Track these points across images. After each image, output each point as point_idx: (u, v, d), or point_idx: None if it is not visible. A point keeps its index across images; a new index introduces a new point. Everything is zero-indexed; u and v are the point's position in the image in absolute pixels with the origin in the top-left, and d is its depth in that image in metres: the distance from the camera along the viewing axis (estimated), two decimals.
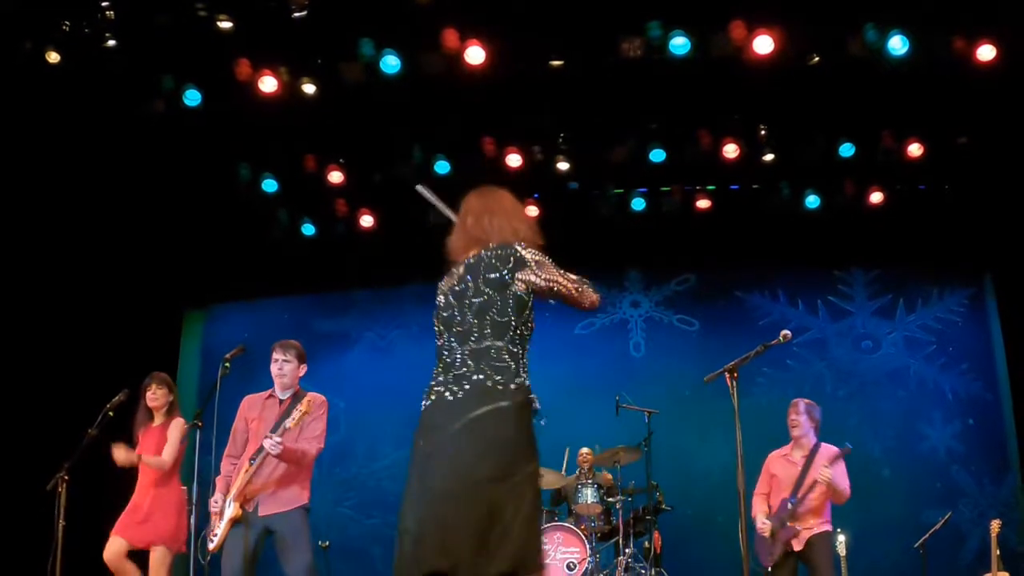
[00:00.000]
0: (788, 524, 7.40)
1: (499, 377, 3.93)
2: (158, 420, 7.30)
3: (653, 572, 9.05)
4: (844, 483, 7.44)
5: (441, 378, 4.02)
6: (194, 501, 7.54)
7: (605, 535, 9.52)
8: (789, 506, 7.43)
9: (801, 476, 7.52)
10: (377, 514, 11.47)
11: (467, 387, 3.93)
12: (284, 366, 6.45)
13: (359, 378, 11.85)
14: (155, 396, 7.27)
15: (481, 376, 3.93)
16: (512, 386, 3.93)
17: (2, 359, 9.36)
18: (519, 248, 4.08)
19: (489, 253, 4.10)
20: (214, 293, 12.22)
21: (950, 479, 10.69)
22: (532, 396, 4.00)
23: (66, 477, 7.00)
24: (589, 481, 9.44)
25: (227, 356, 6.65)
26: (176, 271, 11.45)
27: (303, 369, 6.57)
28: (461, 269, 4.16)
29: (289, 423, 6.11)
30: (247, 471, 6.20)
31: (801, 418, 7.67)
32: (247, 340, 8.36)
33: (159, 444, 7.16)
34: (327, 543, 10.50)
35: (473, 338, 4.00)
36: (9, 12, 8.11)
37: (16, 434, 9.19)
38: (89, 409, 7.29)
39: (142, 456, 7.02)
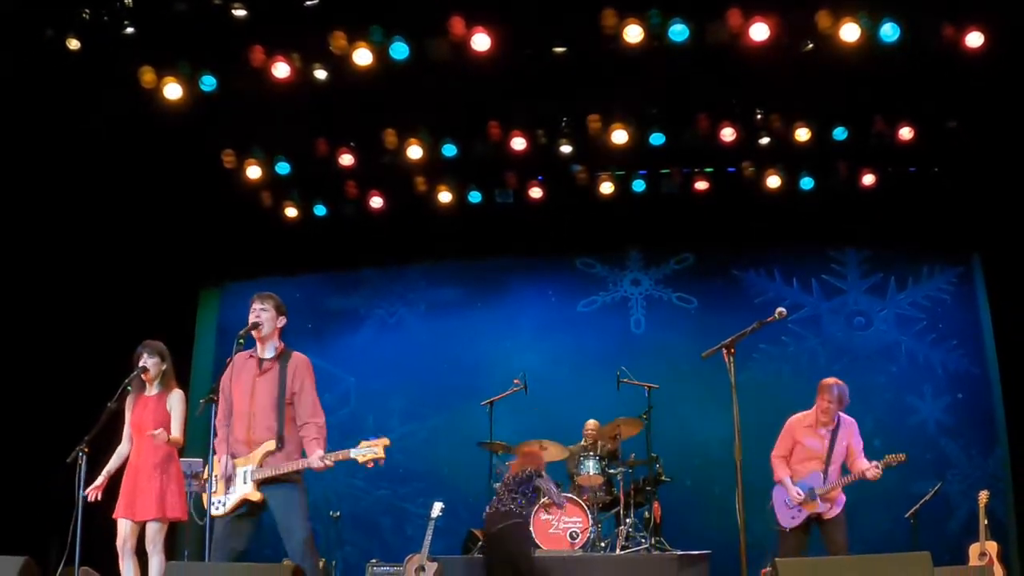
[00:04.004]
0: (820, 498, 7.60)
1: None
2: (152, 390, 7.28)
3: (653, 541, 9.27)
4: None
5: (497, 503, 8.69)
6: (210, 474, 7.67)
7: (606, 505, 9.73)
8: (823, 482, 7.62)
9: (829, 449, 7.72)
10: (386, 486, 11.73)
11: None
12: (261, 314, 6.36)
13: (368, 354, 12.09)
14: (147, 365, 7.23)
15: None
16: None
17: (28, 339, 9.59)
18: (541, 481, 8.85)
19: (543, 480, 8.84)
20: (228, 272, 12.41)
21: (940, 451, 10.89)
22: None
23: (86, 449, 6.86)
24: (591, 453, 9.61)
25: (241, 333, 6.38)
26: (192, 251, 11.64)
27: (282, 320, 6.47)
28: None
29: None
30: (269, 455, 6.22)
31: (833, 406, 7.73)
32: None
33: (156, 415, 7.16)
34: (338, 513, 10.79)
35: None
36: (32, 1, 8.30)
37: (38, 409, 9.41)
38: (108, 384, 7.27)
39: (161, 434, 6.96)
